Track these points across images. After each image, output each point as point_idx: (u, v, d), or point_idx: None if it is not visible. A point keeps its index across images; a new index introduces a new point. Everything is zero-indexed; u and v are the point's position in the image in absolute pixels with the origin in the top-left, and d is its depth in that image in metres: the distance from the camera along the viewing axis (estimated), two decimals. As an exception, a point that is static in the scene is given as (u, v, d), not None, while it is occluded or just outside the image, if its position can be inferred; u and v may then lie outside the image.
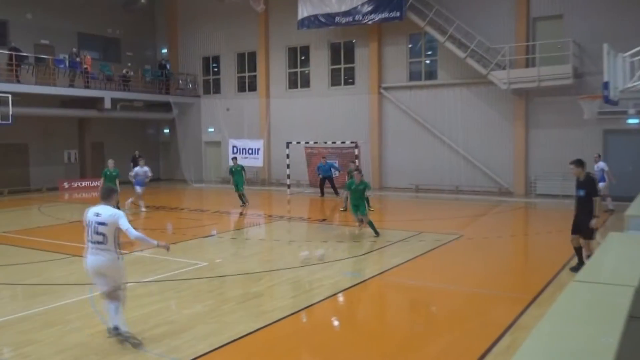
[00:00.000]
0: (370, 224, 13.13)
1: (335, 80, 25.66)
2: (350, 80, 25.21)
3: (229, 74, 28.70)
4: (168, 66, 29.50)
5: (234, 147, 25.78)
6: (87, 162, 26.66)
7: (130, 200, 18.04)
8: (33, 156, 25.38)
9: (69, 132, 26.57)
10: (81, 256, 10.57)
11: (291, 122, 26.14)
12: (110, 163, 16.97)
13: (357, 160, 20.90)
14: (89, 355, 6.04)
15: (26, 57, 23.43)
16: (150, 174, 18.29)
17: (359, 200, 13.07)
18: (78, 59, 24.90)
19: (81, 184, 25.36)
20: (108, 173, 16.55)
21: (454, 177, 22.42)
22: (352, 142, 22.41)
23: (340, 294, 8.50)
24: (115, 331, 6.31)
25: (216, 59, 29.21)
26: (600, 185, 15.78)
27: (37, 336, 6.70)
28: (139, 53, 30.22)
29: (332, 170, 21.70)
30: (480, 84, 21.72)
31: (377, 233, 13.03)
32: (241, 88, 28.52)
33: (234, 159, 20.31)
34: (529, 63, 20.74)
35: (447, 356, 6.07)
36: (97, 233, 6.22)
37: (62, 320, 7.26)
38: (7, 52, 22.66)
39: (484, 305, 8.02)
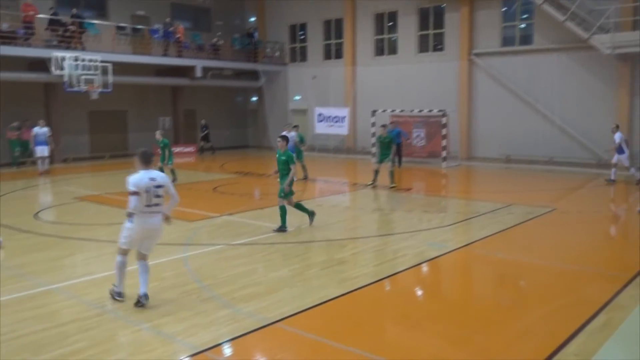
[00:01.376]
0: (299, 206, 10.97)
1: (423, 47, 24.99)
2: (439, 47, 24.47)
3: (315, 42, 28.69)
4: (256, 35, 29.91)
5: (319, 114, 25.94)
6: (180, 129, 27.80)
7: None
8: (131, 122, 26.80)
9: (163, 100, 27.75)
10: (176, 218, 11.11)
11: (377, 90, 25.85)
12: (158, 134, 17.14)
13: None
14: (181, 311, 6.39)
15: (123, 27, 24.58)
16: (296, 139, 17.20)
17: (282, 176, 10.59)
18: (171, 29, 25.78)
19: (174, 150, 26.49)
20: (158, 142, 16.96)
21: (548, 148, 21.38)
22: (439, 111, 21.87)
23: (424, 264, 8.43)
24: (146, 299, 6.50)
25: (303, 27, 29.25)
26: (623, 156, 16.14)
27: (135, 291, 7.15)
28: (228, 22, 30.82)
29: (401, 136, 20.86)
30: (580, 49, 20.39)
31: (311, 216, 10.98)
32: (327, 56, 28.45)
33: (295, 127, 18.46)
34: (636, 25, 19.17)
35: (536, 332, 5.88)
36: (157, 196, 6.50)
37: (158, 277, 7.69)
38: (107, 23, 23.84)
39: (577, 282, 7.67)
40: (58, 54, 20.71)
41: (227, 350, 5.48)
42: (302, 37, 29.42)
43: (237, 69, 28.93)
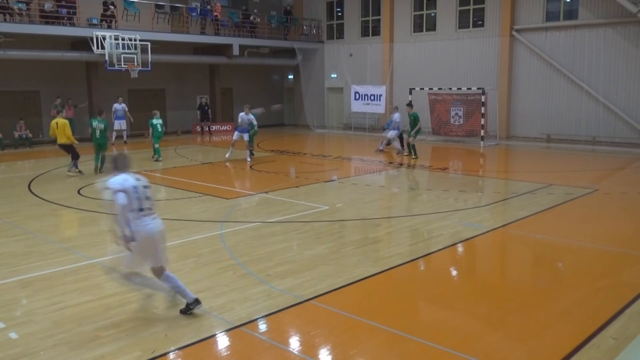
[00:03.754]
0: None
1: (463, 23, 24.42)
2: (480, 23, 23.86)
3: (352, 19, 28.36)
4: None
5: (355, 93, 25.76)
6: (217, 107, 28.02)
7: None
8: (169, 101, 27.15)
9: (200, 78, 27.98)
10: (213, 195, 11.31)
11: (415, 68, 25.48)
12: (156, 113, 17.81)
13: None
14: (218, 287, 6.52)
15: (162, 5, 24.77)
16: (255, 123, 17.52)
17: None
18: (209, 7, 25.86)
19: (212, 128, 26.82)
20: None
21: (591, 127, 20.77)
22: (479, 89, 21.44)
23: (459, 244, 8.36)
24: (196, 304, 5.74)
25: (340, 3, 28.92)
26: (393, 133, 18.64)
27: (174, 266, 7.30)
28: (265, -1, 30.74)
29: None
30: (629, 24, 19.62)
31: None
32: (365, 33, 28.11)
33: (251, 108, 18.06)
34: (689, -2, 18.31)
35: (573, 315, 5.78)
36: (147, 198, 5.58)
37: (195, 253, 7.86)
38: (146, 1, 24.07)
39: (617, 265, 7.49)
40: (99, 33, 21.07)
41: (262, 326, 5.58)
42: (339, 14, 29.11)
43: (273, 46, 28.88)
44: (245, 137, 17.48)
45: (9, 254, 7.99)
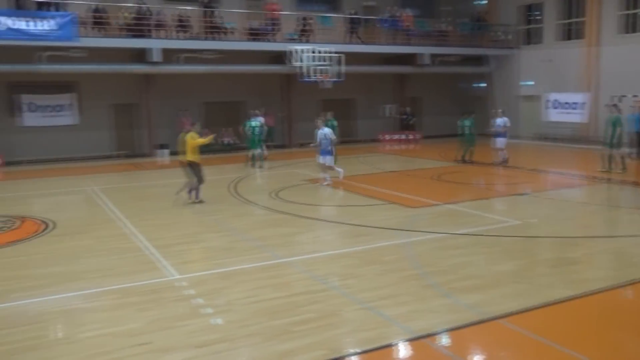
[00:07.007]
0: None
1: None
2: None
3: (550, 22, 26.46)
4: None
5: (552, 100, 24.04)
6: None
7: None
8: (359, 110, 27.99)
9: (388, 88, 28.37)
10: (397, 203, 11.32)
11: (624, 72, 22.90)
12: (328, 115, 17.56)
13: None
14: (401, 295, 6.50)
15: (359, 19, 25.60)
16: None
17: None
18: (398, 16, 26.16)
19: (399, 137, 27.06)
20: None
21: None
22: None
23: (677, 273, 7.28)
24: None
25: (536, 7, 27.20)
26: (502, 140, 18.49)
27: (358, 271, 7.49)
28: (455, 7, 30.11)
29: None
30: None
31: None
32: (564, 36, 26.06)
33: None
34: None
35: None
36: None
37: (379, 260, 7.95)
38: (337, 15, 25.11)
39: None
40: (297, 47, 22.53)
41: (445, 339, 5.43)
42: (538, 16, 27.34)
43: (463, 54, 28.16)
44: (326, 159, 14.67)
45: (214, 248, 8.88)
